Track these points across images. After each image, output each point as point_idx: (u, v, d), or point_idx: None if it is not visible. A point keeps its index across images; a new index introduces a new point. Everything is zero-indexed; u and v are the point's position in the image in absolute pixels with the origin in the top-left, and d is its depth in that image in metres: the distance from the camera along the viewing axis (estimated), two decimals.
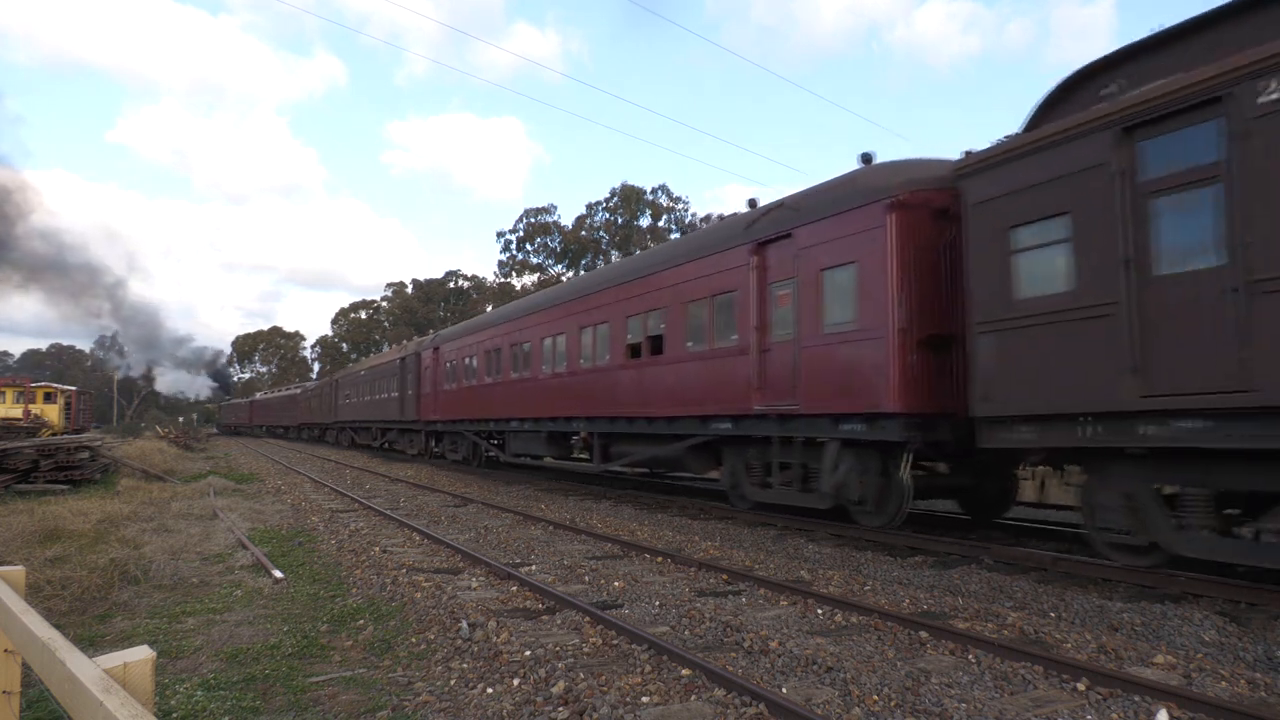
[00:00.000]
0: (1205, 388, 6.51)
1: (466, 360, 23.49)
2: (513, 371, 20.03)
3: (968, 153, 9.12)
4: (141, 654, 2.03)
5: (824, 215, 10.38)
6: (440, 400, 25.65)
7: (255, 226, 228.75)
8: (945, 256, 9.28)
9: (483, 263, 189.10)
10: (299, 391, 57.28)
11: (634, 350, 14.68)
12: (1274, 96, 6.10)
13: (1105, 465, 7.76)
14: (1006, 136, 8.73)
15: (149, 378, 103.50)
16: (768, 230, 11.39)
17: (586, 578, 8.50)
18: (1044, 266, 7.89)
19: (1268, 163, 6.09)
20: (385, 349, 63.08)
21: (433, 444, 28.51)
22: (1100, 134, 7.31)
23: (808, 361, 10.48)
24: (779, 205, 11.56)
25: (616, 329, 15.25)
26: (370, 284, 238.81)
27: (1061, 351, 7.65)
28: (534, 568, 9.06)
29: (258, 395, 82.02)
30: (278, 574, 8.73)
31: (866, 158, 10.61)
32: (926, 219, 9.36)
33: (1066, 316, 7.60)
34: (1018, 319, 8.04)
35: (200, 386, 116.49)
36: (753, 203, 12.98)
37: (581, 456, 17.31)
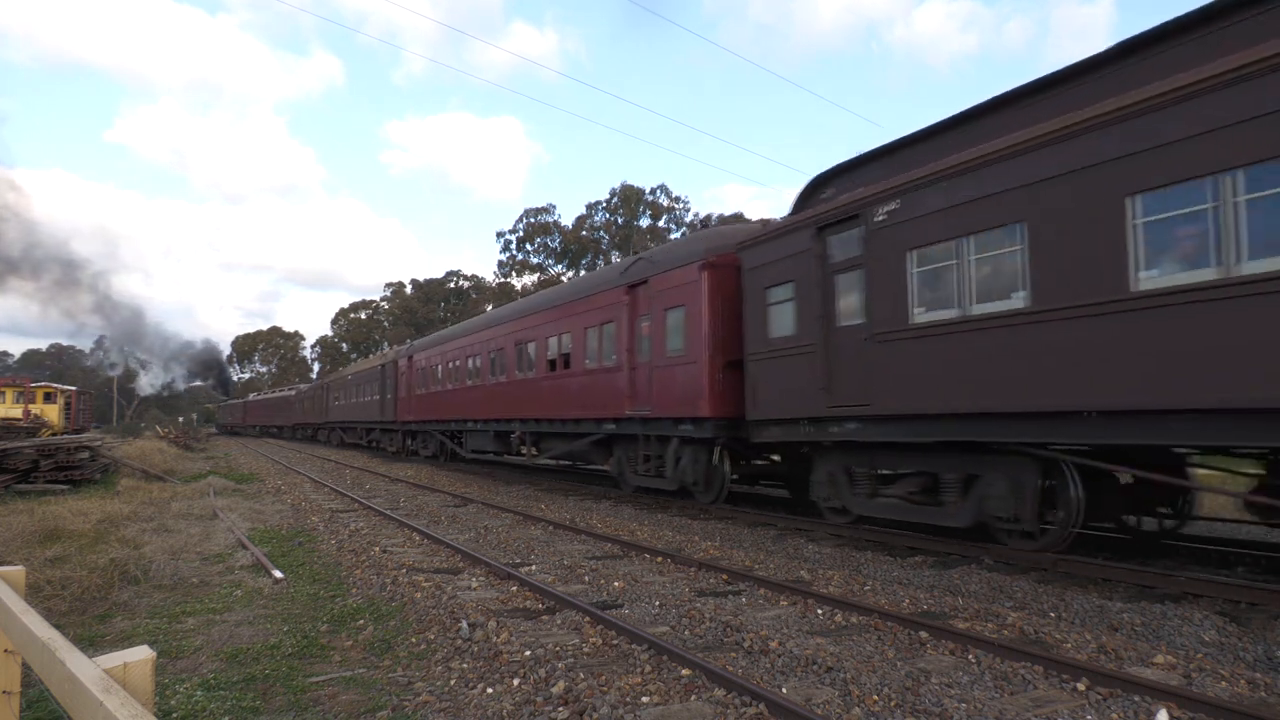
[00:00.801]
0: (855, 401, 9.67)
1: (434, 368, 26.51)
2: (468, 379, 23.10)
3: (764, 221, 12.59)
4: (141, 654, 2.03)
5: (667, 268, 13.54)
6: (413, 403, 28.53)
7: (254, 226, 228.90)
8: (738, 303, 12.07)
9: (482, 263, 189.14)
10: (293, 393, 59.85)
11: (552, 364, 17.61)
12: (882, 217, 9.36)
13: (819, 453, 10.90)
14: (777, 219, 12.06)
15: (131, 372, 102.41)
16: (635, 276, 14.50)
17: (586, 578, 8.50)
18: (782, 316, 11.06)
19: (880, 257, 9.34)
20: (385, 349, 63.81)
21: (408, 442, 31.05)
22: (808, 229, 10.47)
23: (658, 378, 13.55)
24: (642, 258, 14.87)
25: (541, 347, 18.34)
26: (370, 284, 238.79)
27: (790, 375, 10.80)
28: (534, 568, 9.06)
29: (251, 396, 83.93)
30: (278, 574, 8.73)
31: (704, 222, 15.42)
32: (729, 275, 12.32)
33: (792, 352, 10.77)
34: (769, 352, 11.26)
35: (183, 377, 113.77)
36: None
37: (524, 451, 20.62)
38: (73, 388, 51.22)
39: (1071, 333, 7.25)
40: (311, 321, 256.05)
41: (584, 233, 66.83)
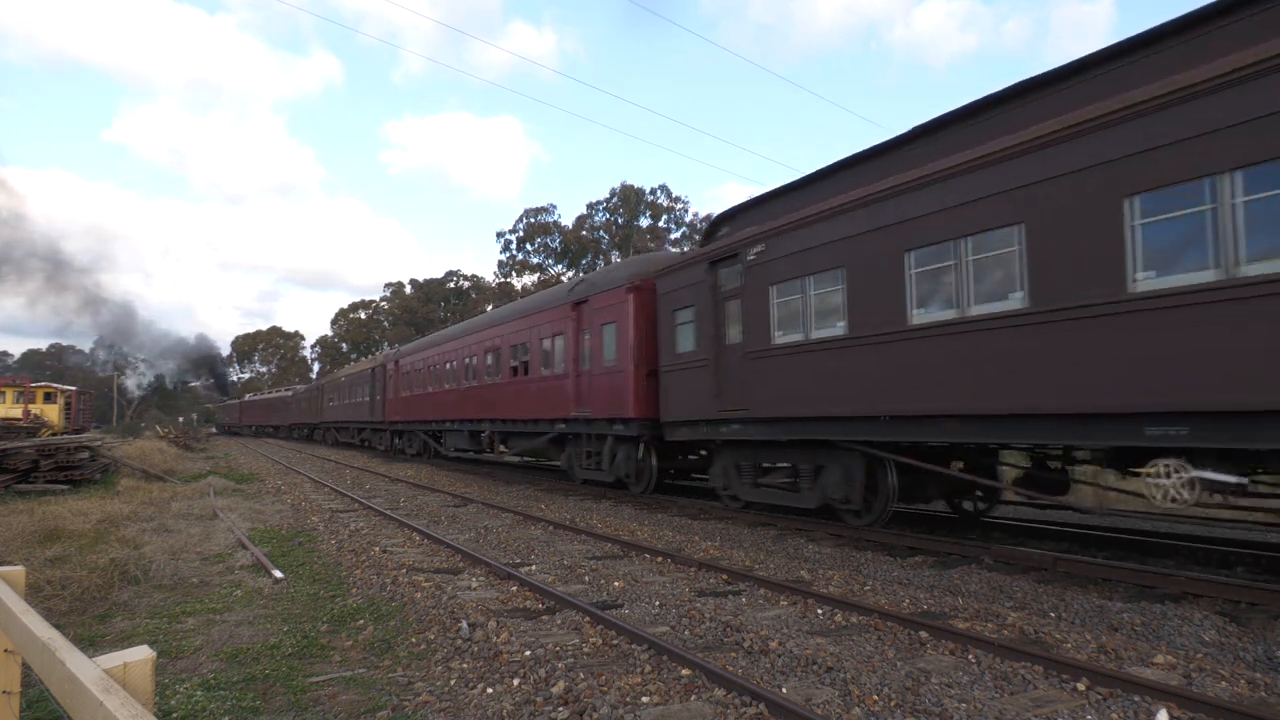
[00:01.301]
0: (738, 407, 11.65)
1: (417, 372, 28.41)
2: (445, 383, 25.05)
3: (682, 251, 14.94)
4: (141, 654, 2.03)
5: (603, 290, 15.64)
6: (399, 404, 30.50)
7: (253, 226, 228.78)
8: (656, 321, 14.13)
9: (482, 262, 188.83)
10: (289, 394, 61.72)
11: (515, 370, 19.62)
12: (753, 257, 11.37)
13: (716, 450, 13.09)
14: (682, 250, 15.98)
15: (120, 367, 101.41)
16: (579, 295, 16.51)
17: (586, 578, 8.50)
18: (686, 334, 13.14)
19: (752, 289, 11.38)
20: (385, 349, 64.24)
21: (396, 440, 32.75)
22: (704, 263, 12.53)
23: (596, 384, 15.51)
24: (585, 280, 17.26)
25: (505, 355, 20.28)
26: (369, 284, 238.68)
27: (693, 384, 12.83)
28: (534, 568, 9.06)
29: (246, 397, 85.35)
30: (278, 574, 8.73)
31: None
32: (650, 298, 14.29)
33: (693, 364, 12.82)
34: (677, 364, 13.34)
35: (172, 374, 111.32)
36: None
37: (494, 449, 22.85)
38: (73, 388, 51.20)
39: (871, 355, 9.37)
40: (312, 321, 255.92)
41: (584, 233, 66.81)
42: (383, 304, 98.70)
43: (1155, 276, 6.68)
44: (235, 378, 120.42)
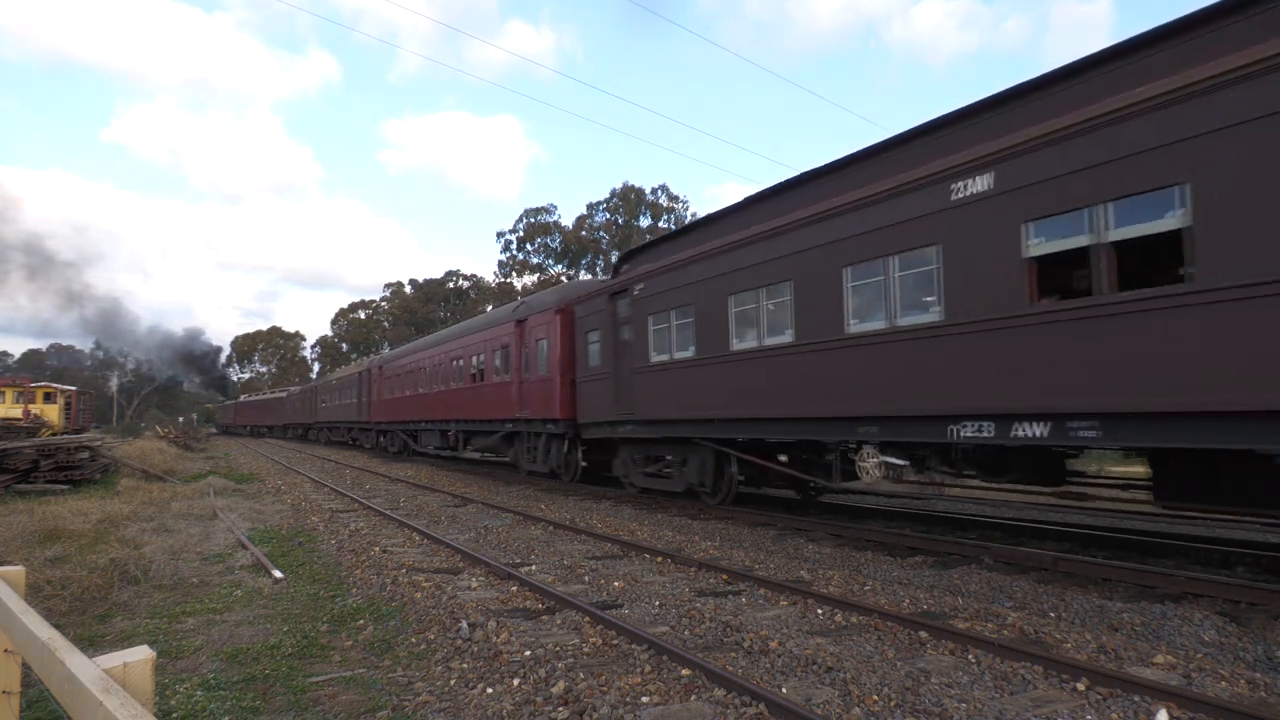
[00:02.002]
0: (628, 411, 14.41)
1: (397, 377, 31.37)
2: (420, 387, 27.91)
3: (600, 282, 17.23)
4: (141, 654, 2.03)
5: (537, 311, 18.78)
6: (383, 406, 33.42)
7: (251, 225, 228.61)
8: (575, 339, 17.02)
9: (481, 262, 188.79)
10: (284, 395, 64.70)
11: (473, 377, 22.74)
12: (638, 292, 14.22)
13: (618, 446, 15.91)
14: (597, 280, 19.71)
15: (108, 364, 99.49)
16: (521, 314, 19.65)
17: (586, 578, 8.50)
18: (595, 352, 16.08)
19: (636, 318, 14.24)
20: (385, 349, 64.79)
21: (380, 439, 35.54)
22: (605, 295, 15.50)
23: (532, 390, 18.48)
24: (525, 302, 20.67)
25: (467, 363, 23.36)
26: (369, 284, 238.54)
27: (600, 392, 15.69)
28: (534, 568, 9.06)
29: (241, 398, 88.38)
30: (278, 574, 8.73)
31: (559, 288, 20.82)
32: (571, 319, 17.16)
33: (600, 376, 15.69)
34: (590, 375, 16.21)
35: (159, 367, 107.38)
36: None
37: (458, 446, 25.80)
38: (73, 388, 51.20)
39: (710, 372, 12.31)
40: (312, 322, 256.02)
41: (584, 233, 66.81)
42: (383, 304, 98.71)
43: (859, 323, 9.68)
44: (235, 378, 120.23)
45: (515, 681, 5.18)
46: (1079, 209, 7.24)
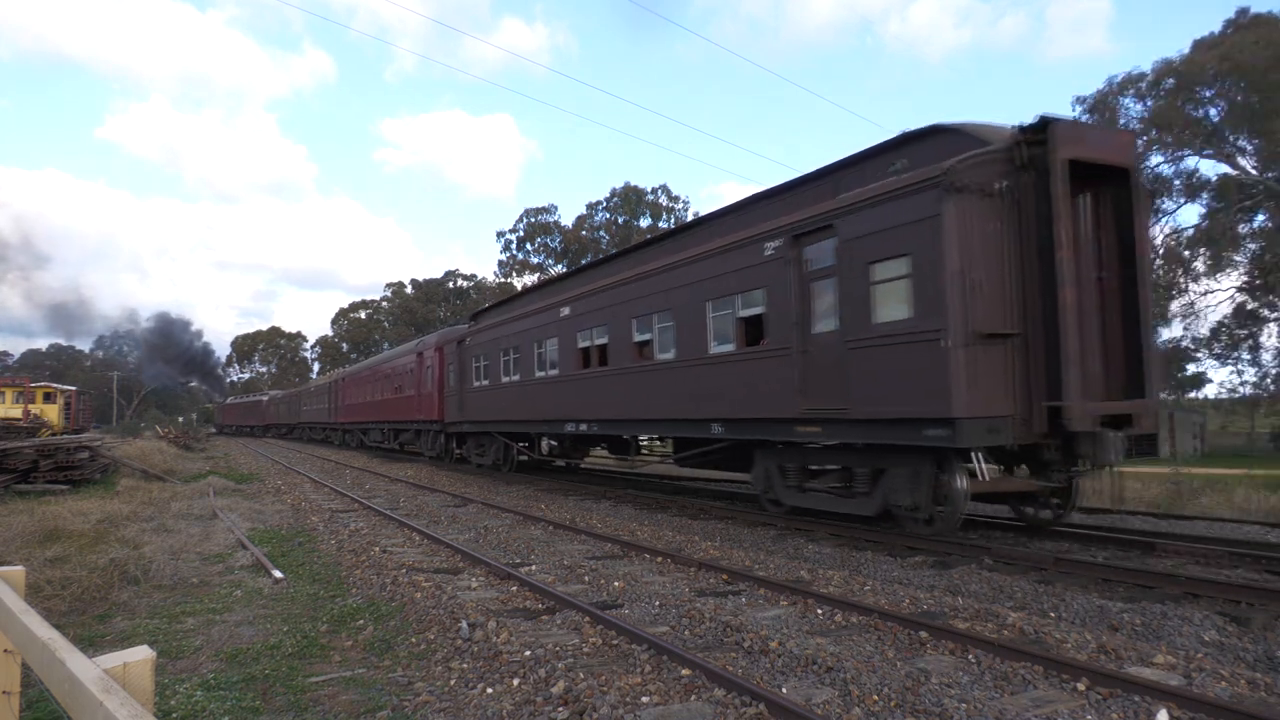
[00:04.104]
0: (466, 416, 23.25)
1: (354, 387, 40.13)
2: (366, 395, 36.87)
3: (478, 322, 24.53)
4: (141, 654, 2.03)
5: (429, 347, 27.04)
6: (344, 410, 42.21)
7: (248, 225, 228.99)
8: (445, 367, 24.99)
9: (479, 261, 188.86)
10: (265, 399, 73.14)
11: (396, 390, 30.91)
12: (469, 341, 23.44)
13: (464, 438, 24.99)
14: (469, 319, 26.73)
15: (104, 360, 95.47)
16: (421, 348, 28.12)
17: (586, 578, 8.49)
18: (453, 377, 24.07)
19: (468, 358, 23.49)
20: (385, 349, 65.57)
21: (345, 436, 44.25)
22: (455, 341, 24.14)
23: (424, 401, 26.75)
24: (423, 340, 29.14)
25: (392, 380, 31.74)
26: (366, 283, 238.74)
27: (453, 403, 23.88)
28: (534, 568, 9.06)
29: (229, 400, 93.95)
30: (278, 574, 8.72)
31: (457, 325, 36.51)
32: (443, 354, 25.10)
33: (454, 393, 24.00)
34: (450, 393, 24.28)
35: (121, 351, 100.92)
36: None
37: (391, 441, 34.21)
38: (73, 388, 51.19)
39: (494, 394, 20.65)
40: (312, 322, 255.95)
41: (584, 233, 66.81)
42: (383, 304, 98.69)
43: (718, 345, 12.03)
44: (235, 378, 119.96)
45: (515, 681, 5.18)
46: (728, 296, 11.75)
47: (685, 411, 12.59)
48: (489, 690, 5.06)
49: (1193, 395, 47.96)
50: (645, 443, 16.88)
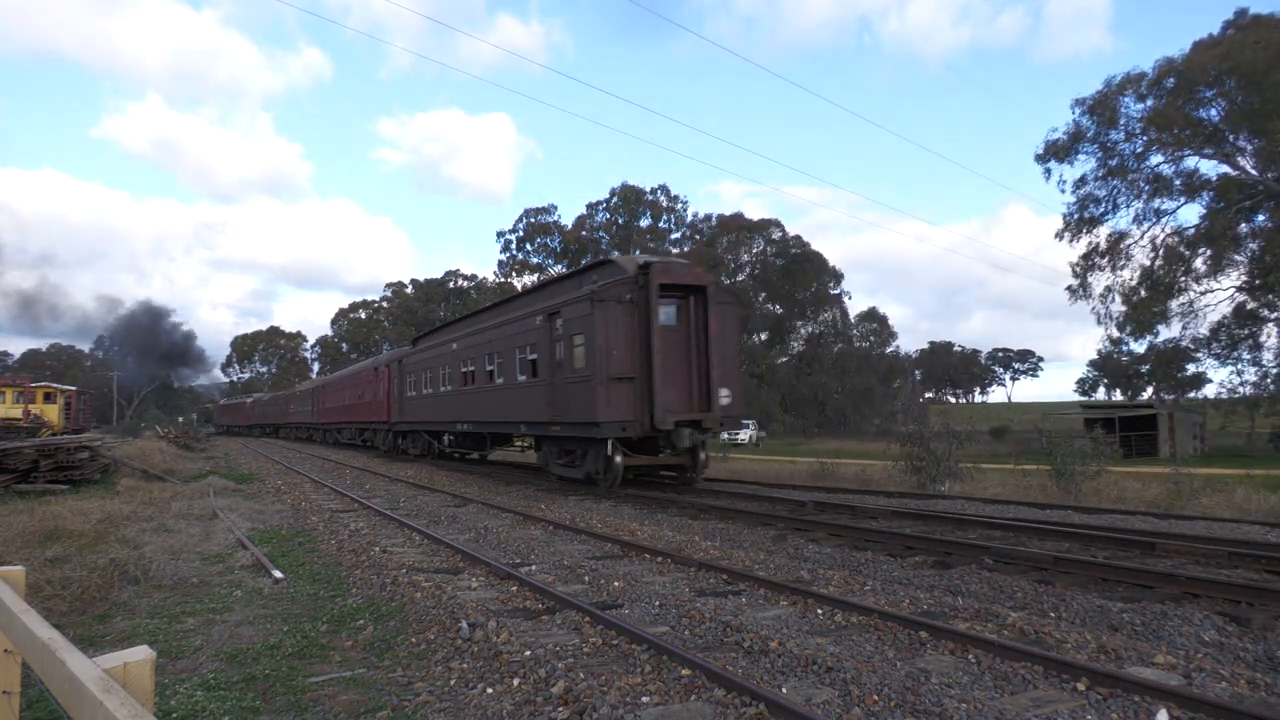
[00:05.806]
0: (405, 418, 30.49)
1: (332, 392, 46.02)
2: (340, 400, 42.46)
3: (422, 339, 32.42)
4: (141, 654, 2.03)
5: (382, 364, 34.62)
6: (324, 412, 48.05)
7: (244, 224, 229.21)
8: (393, 382, 32.08)
9: (478, 260, 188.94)
10: (250, 400, 79.56)
11: (359, 395, 37.70)
12: (404, 362, 31.06)
13: (403, 434, 31.94)
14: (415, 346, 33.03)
15: (103, 360, 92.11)
16: (376, 364, 36.07)
17: (586, 578, 8.49)
18: (397, 387, 31.31)
19: (406, 375, 30.72)
20: (385, 349, 66.44)
21: (325, 434, 50.01)
22: (398, 359, 32.25)
23: (379, 405, 33.55)
24: (376, 359, 40.97)
25: (359, 387, 38.02)
26: (365, 283, 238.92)
27: (398, 407, 31.27)
28: (534, 568, 9.06)
29: (221, 401, 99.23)
30: (278, 574, 8.72)
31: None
32: (391, 369, 31.88)
33: (398, 399, 31.08)
34: (396, 399, 31.36)
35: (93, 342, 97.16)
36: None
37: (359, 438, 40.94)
38: (73, 388, 51.21)
39: (421, 402, 27.58)
40: (312, 322, 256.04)
41: (584, 233, 66.82)
42: (383, 304, 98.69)
43: (520, 376, 18.57)
44: (235, 378, 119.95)
45: (515, 681, 5.18)
46: (523, 346, 18.50)
47: (508, 416, 19.79)
48: (489, 690, 5.06)
49: (1193, 395, 48.00)
50: (518, 441, 24.25)
